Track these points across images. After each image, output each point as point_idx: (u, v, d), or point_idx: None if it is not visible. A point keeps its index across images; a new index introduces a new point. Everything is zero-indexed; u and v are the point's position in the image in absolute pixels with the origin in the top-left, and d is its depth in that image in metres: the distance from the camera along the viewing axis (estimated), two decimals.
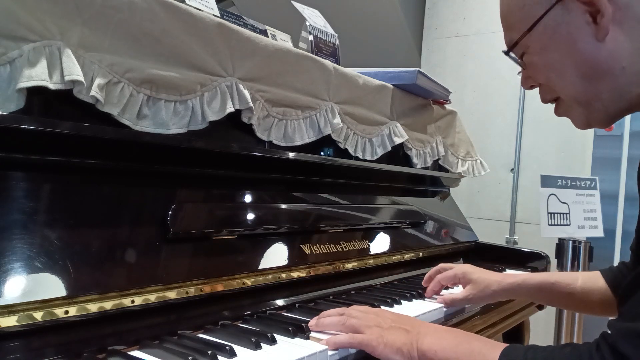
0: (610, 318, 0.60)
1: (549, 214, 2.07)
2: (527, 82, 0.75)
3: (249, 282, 0.87)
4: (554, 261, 1.94)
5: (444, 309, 1.00)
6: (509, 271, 1.46)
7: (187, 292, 0.77)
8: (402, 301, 0.99)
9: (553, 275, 1.01)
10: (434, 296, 1.06)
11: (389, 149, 1.39)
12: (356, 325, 0.73)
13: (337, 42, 1.43)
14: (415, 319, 0.79)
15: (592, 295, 0.95)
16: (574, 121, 0.73)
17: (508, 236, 2.76)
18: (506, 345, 0.64)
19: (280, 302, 0.92)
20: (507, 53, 0.74)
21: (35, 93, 0.67)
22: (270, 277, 0.91)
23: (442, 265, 1.10)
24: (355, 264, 1.13)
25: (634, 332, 0.53)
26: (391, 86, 1.41)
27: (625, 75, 0.63)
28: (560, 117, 0.75)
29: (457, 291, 1.04)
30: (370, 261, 1.18)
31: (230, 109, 0.92)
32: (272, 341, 0.71)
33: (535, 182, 2.36)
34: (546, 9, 0.64)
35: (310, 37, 1.34)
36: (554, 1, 0.64)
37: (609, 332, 0.57)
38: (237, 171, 0.98)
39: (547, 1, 0.65)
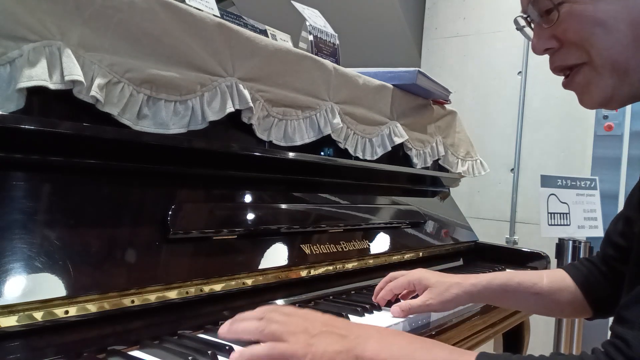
0: (617, 325, 0.53)
1: (549, 214, 2.07)
2: (547, 43, 0.65)
3: (249, 282, 0.87)
4: (554, 261, 1.94)
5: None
6: (507, 271, 1.46)
7: (187, 292, 0.77)
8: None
9: (517, 275, 0.93)
10: (385, 307, 0.94)
11: (389, 149, 1.39)
12: (277, 333, 0.59)
13: (337, 42, 1.43)
14: (354, 322, 0.65)
15: (561, 294, 0.89)
16: (591, 93, 0.64)
17: (508, 236, 2.76)
18: (476, 353, 0.55)
19: (280, 302, 0.92)
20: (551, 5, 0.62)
21: (35, 93, 0.67)
22: (270, 277, 0.91)
23: (392, 273, 0.96)
24: (355, 264, 1.13)
25: None
26: (391, 86, 1.41)
27: None
28: (568, 89, 0.67)
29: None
30: (370, 261, 1.18)
31: (230, 109, 0.92)
32: None
33: (535, 182, 2.36)
34: None
35: (310, 37, 1.34)
36: None
37: (622, 340, 0.50)
38: (237, 171, 0.98)
39: None
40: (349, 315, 0.87)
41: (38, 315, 0.60)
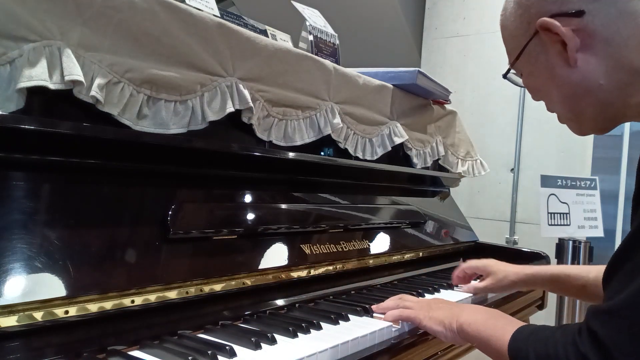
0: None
1: (549, 214, 2.07)
2: (533, 98, 0.83)
3: (249, 282, 0.87)
4: (554, 261, 1.94)
5: None
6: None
7: (187, 292, 0.77)
8: None
9: (568, 268, 1.09)
10: (460, 285, 1.20)
11: (389, 149, 1.39)
12: (408, 305, 0.89)
13: (337, 42, 1.43)
14: (459, 303, 0.91)
15: None
16: (571, 130, 0.80)
17: (508, 236, 2.76)
18: (521, 323, 0.72)
19: (280, 302, 0.92)
20: (504, 76, 0.84)
21: (35, 93, 0.67)
22: (270, 277, 0.91)
23: (468, 261, 1.22)
24: (355, 264, 1.13)
25: (602, 310, 0.59)
26: (391, 86, 1.41)
27: (604, 91, 0.69)
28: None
29: None
30: (370, 261, 1.18)
31: (230, 109, 0.92)
32: (272, 341, 0.72)
33: (535, 182, 2.36)
34: (527, 40, 0.73)
35: (310, 37, 1.34)
36: (532, 34, 0.72)
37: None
38: (237, 171, 0.98)
39: (528, 33, 0.73)
40: (349, 315, 0.87)
41: (38, 315, 0.60)
